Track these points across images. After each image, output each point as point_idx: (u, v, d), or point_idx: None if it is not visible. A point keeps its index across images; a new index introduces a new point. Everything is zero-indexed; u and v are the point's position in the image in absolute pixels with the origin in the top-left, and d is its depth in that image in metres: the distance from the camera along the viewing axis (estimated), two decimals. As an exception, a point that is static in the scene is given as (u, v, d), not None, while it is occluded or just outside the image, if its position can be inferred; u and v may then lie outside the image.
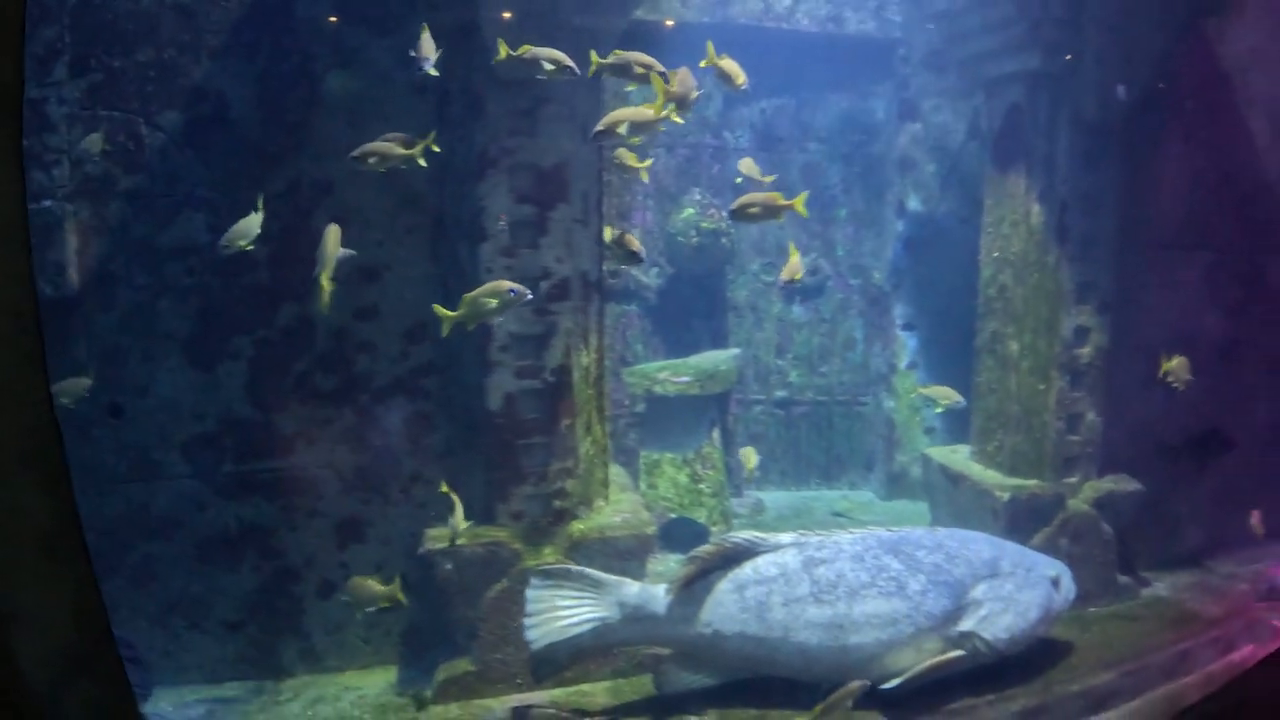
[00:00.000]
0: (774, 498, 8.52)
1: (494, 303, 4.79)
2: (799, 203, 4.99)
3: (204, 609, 5.73)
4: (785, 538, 5.31)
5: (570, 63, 4.71)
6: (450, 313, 4.76)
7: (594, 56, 4.78)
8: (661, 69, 4.71)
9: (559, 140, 5.26)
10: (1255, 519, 6.56)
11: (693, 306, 8.29)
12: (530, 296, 4.85)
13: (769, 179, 6.39)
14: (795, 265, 5.74)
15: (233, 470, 5.68)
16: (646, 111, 4.74)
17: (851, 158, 8.71)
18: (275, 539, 5.77)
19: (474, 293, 4.81)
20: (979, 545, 5.51)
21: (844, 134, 8.69)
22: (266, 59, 5.55)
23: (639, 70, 4.78)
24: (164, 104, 5.44)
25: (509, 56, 4.66)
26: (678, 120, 4.84)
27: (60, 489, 1.66)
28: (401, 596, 5.10)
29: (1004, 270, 6.77)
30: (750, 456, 7.15)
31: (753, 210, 5.05)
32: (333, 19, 5.60)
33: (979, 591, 5.26)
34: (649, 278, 8.17)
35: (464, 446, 5.76)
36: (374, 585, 5.15)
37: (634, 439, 7.70)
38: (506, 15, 5.02)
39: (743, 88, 5.06)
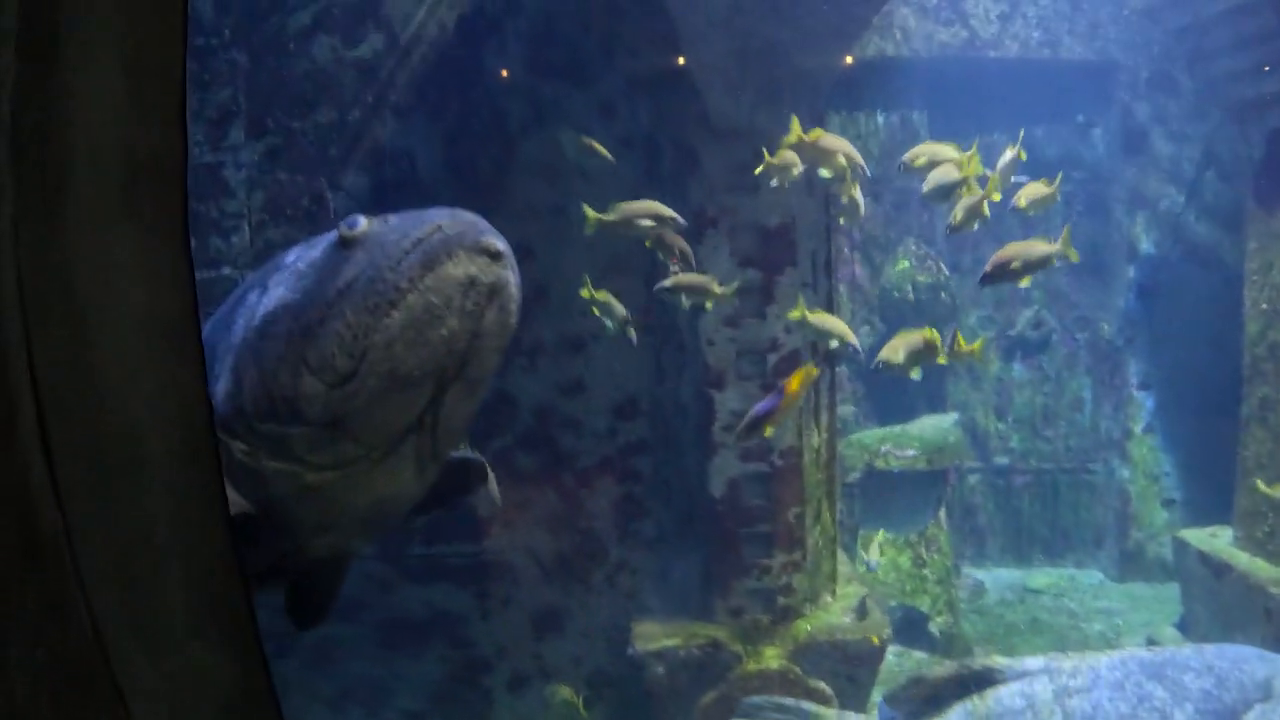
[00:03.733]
0: (994, 577, 7.82)
1: None
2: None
3: (384, 696, 5.44)
4: (1033, 663, 4.77)
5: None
6: None
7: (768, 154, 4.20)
8: (861, 161, 4.30)
9: (784, 196, 4.74)
10: None
11: (908, 367, 7.64)
12: None
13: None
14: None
15: (422, 553, 5.36)
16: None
17: (1072, 196, 7.90)
18: (466, 627, 5.44)
19: None
20: (1252, 665, 4.92)
21: (1062, 169, 7.90)
22: (455, 117, 5.26)
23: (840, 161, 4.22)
24: (347, 166, 5.12)
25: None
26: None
27: (247, 646, 1.30)
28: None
29: (1276, 325, 5.90)
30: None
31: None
32: (525, 73, 5.25)
33: (1252, 718, 4.68)
34: (859, 337, 7.57)
35: (677, 534, 5.33)
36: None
37: (843, 510, 7.08)
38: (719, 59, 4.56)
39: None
